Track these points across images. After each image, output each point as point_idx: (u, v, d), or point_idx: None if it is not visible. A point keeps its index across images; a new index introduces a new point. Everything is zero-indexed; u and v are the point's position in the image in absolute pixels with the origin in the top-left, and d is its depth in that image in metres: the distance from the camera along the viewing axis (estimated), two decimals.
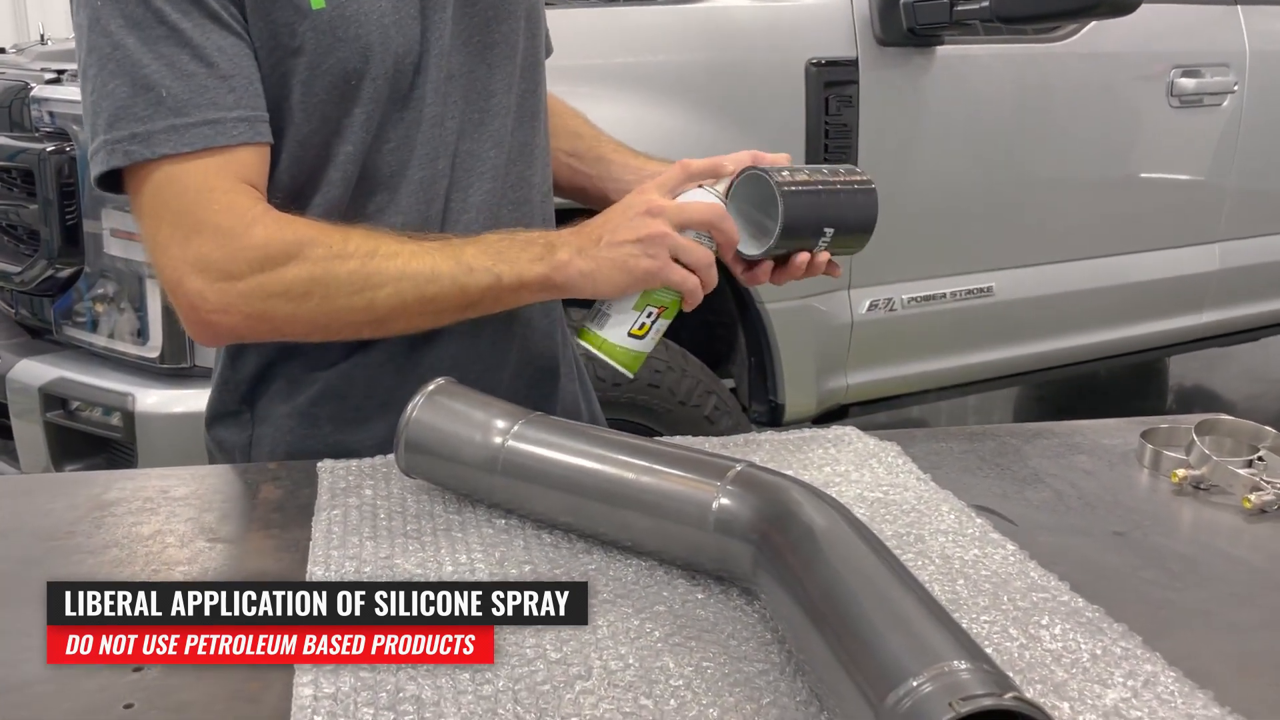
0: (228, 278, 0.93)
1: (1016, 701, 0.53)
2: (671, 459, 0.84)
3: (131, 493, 0.98)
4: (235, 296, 0.94)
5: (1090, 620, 0.76)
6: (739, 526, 0.76)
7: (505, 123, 1.12)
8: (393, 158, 1.04)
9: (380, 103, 1.02)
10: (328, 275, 0.95)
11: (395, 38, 1.00)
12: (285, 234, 0.94)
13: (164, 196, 0.93)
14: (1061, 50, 2.78)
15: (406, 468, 0.94)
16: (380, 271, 0.95)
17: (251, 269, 0.94)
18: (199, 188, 0.92)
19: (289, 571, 0.83)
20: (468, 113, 1.09)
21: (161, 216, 0.94)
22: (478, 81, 1.09)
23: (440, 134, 1.06)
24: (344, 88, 0.99)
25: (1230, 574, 0.87)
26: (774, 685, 0.68)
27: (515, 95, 1.13)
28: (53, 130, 2.12)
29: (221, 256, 0.93)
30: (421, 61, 1.03)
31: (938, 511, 0.93)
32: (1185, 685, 0.68)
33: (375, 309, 0.96)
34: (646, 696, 0.67)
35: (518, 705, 0.65)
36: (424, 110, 1.04)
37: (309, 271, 0.94)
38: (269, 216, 0.95)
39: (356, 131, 1.01)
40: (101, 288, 2.11)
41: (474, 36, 1.09)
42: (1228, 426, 1.08)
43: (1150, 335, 3.19)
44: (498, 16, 1.10)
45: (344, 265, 0.95)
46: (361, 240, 0.96)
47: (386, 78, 1.01)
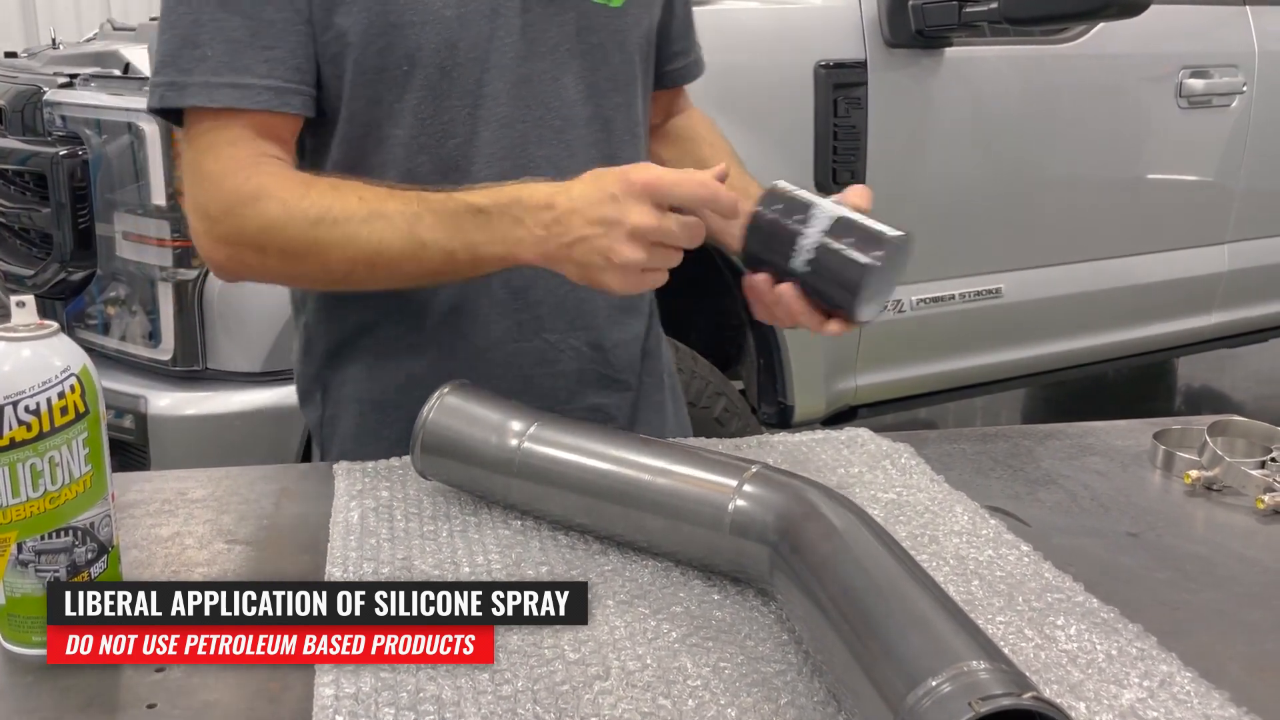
0: (209, 219, 1.00)
1: (1035, 701, 0.54)
2: (687, 461, 0.84)
3: (150, 494, 0.99)
4: (216, 238, 1.00)
5: (1105, 621, 0.76)
6: (755, 528, 0.76)
7: (586, 134, 1.10)
8: (458, 153, 1.05)
9: (435, 93, 1.03)
10: (280, 232, 0.97)
11: (456, 32, 1.02)
12: (250, 183, 0.98)
13: (191, 145, 1.02)
14: (1070, 52, 2.77)
15: (422, 469, 0.95)
16: (326, 238, 0.96)
17: (223, 213, 0.99)
18: (214, 140, 1.00)
19: (307, 573, 0.84)
20: (546, 119, 1.08)
21: (186, 162, 1.03)
22: (561, 90, 1.08)
23: (509, 136, 1.06)
24: (395, 72, 1.02)
25: (1244, 575, 0.87)
26: (791, 685, 0.68)
27: (605, 109, 1.11)
28: (65, 134, 2.12)
29: (206, 200, 1.00)
30: (488, 60, 1.04)
31: (951, 513, 0.94)
32: (1201, 685, 0.68)
33: (330, 271, 0.99)
34: (665, 696, 0.67)
35: (537, 705, 0.66)
36: (493, 110, 1.05)
37: (263, 224, 0.98)
38: (252, 167, 0.99)
39: (408, 118, 1.03)
40: (114, 290, 2.12)
41: (561, 45, 1.08)
42: (1240, 427, 1.08)
43: (1159, 336, 3.19)
44: (591, 28, 1.09)
45: (293, 226, 0.97)
46: (318, 198, 0.97)
47: (441, 69, 1.02)
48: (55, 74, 2.26)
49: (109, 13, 5.87)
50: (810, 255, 0.89)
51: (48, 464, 0.70)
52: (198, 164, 1.00)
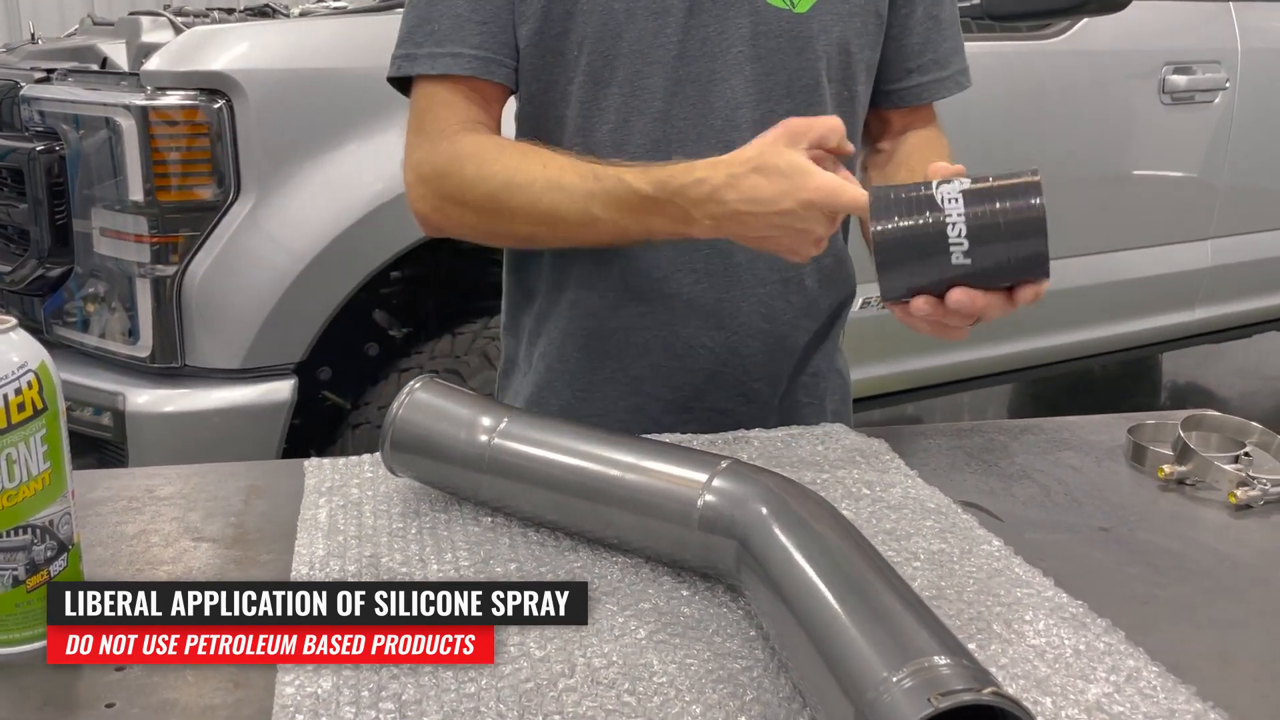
0: (422, 178, 1.11)
1: (995, 697, 0.54)
2: (657, 456, 0.84)
3: (117, 492, 0.98)
4: (425, 194, 1.11)
5: (1074, 616, 0.76)
6: (723, 523, 0.76)
7: (750, 138, 1.05)
8: (609, 139, 1.11)
9: (596, 80, 1.10)
10: (473, 189, 1.07)
11: (621, 24, 1.08)
12: (457, 147, 1.08)
13: (414, 108, 1.13)
14: (1053, 48, 2.78)
15: (392, 466, 0.94)
16: (510, 202, 1.05)
17: (436, 173, 1.10)
18: (431, 103, 1.11)
19: (274, 570, 0.83)
20: (707, 118, 1.10)
21: (409, 124, 1.13)
22: (728, 92, 1.10)
23: (663, 129, 1.10)
24: (568, 57, 1.10)
25: (1215, 569, 0.87)
26: (758, 682, 0.68)
27: (776, 115, 1.08)
28: (43, 129, 2.11)
29: (421, 158, 1.11)
30: (650, 55, 1.09)
31: (924, 508, 0.93)
32: (1168, 680, 0.68)
33: (516, 230, 1.08)
34: (630, 694, 0.67)
35: (500, 703, 0.65)
36: (648, 102, 1.10)
37: (461, 182, 1.08)
38: (462, 131, 1.09)
39: (574, 102, 1.12)
40: (92, 287, 2.10)
41: (733, 48, 1.09)
42: (1214, 422, 1.08)
43: (1142, 332, 3.20)
44: (769, 33, 1.09)
45: (484, 185, 1.06)
46: (507, 161, 1.06)
47: (604, 57, 1.09)
48: (32, 69, 2.25)
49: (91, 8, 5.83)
50: (965, 245, 0.82)
51: (5, 461, 0.69)
52: (418, 125, 1.12)
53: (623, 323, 1.16)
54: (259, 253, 2.02)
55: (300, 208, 2.03)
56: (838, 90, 1.15)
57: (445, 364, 2.19)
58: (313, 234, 2.04)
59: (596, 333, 1.17)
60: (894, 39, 1.19)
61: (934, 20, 1.20)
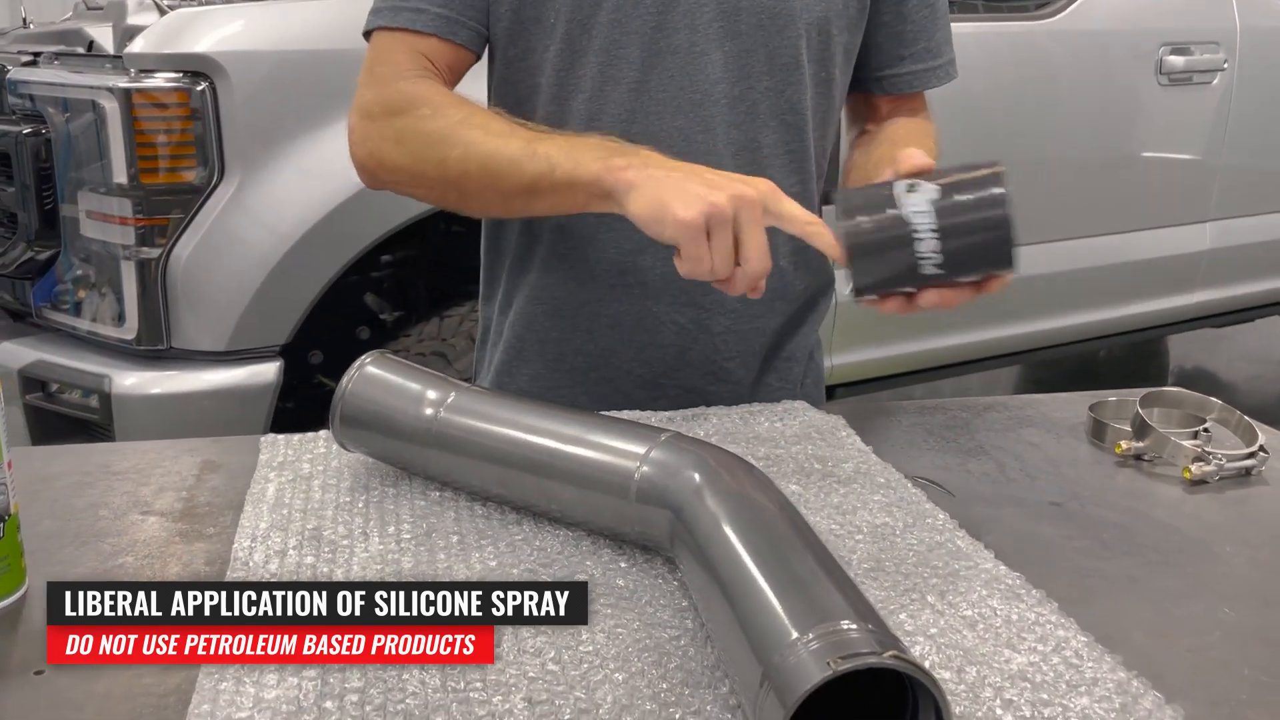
0: (366, 116, 1.09)
1: (897, 660, 0.53)
2: (601, 430, 0.84)
3: (73, 467, 0.98)
4: (365, 133, 1.09)
5: (1009, 588, 0.75)
6: (657, 494, 0.76)
7: (726, 113, 1.10)
8: (584, 109, 1.11)
9: (573, 48, 1.09)
10: (419, 128, 1.06)
11: None
12: (410, 90, 1.07)
13: (367, 58, 1.12)
14: (1047, 27, 2.76)
15: (343, 440, 0.94)
16: (456, 135, 1.03)
17: (382, 112, 1.08)
18: (386, 51, 1.11)
19: (218, 543, 0.83)
20: (685, 90, 1.09)
21: (361, 73, 1.12)
22: (706, 66, 1.09)
23: (639, 100, 1.10)
24: (545, 24, 1.10)
25: (1162, 542, 0.87)
26: (684, 651, 0.68)
27: (754, 92, 1.10)
28: (30, 113, 2.12)
29: (369, 98, 1.10)
30: (627, 25, 1.08)
31: (873, 483, 0.93)
32: (1095, 650, 0.68)
33: (446, 167, 1.04)
34: (555, 662, 0.67)
35: (424, 672, 0.66)
36: (624, 72, 1.09)
37: (409, 123, 1.06)
38: (415, 77, 1.08)
39: (549, 69, 1.11)
40: (79, 270, 2.12)
41: (713, 23, 1.09)
42: (1174, 398, 1.08)
43: (1141, 315, 3.18)
44: (741, 9, 1.09)
45: (433, 122, 1.05)
46: (460, 107, 1.05)
47: (582, 25, 1.08)
48: (20, 52, 2.25)
49: None
50: (938, 258, 0.84)
51: None
52: (368, 70, 1.11)
53: (592, 294, 1.16)
54: (243, 235, 2.03)
55: (285, 190, 2.04)
56: (816, 70, 1.14)
57: (432, 346, 2.20)
58: (297, 216, 2.04)
59: (567, 303, 1.17)
60: (888, 25, 1.18)
61: (930, 9, 1.20)
